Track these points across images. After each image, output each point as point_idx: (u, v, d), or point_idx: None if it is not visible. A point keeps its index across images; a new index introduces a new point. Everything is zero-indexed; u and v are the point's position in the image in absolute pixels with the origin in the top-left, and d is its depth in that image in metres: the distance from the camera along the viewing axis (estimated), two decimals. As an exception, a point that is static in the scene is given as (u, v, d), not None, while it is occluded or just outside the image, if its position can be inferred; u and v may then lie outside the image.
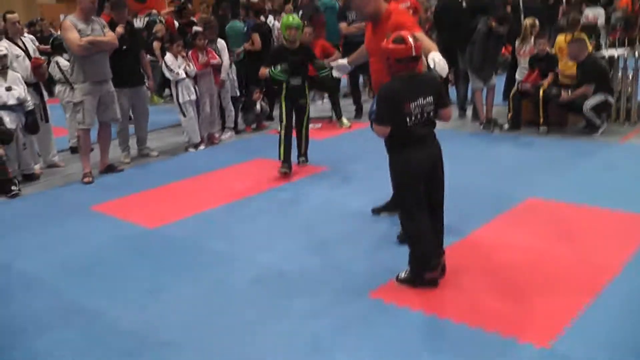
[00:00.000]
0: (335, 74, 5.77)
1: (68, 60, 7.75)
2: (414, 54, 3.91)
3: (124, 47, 7.82)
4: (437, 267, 4.13)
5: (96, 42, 7.18)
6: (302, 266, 4.63)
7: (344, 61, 5.57)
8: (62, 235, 5.70)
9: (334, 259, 4.73)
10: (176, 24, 12.13)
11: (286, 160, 6.97)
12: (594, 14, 13.95)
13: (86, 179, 7.44)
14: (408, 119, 3.90)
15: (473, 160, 7.20)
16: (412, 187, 4.02)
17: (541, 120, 8.11)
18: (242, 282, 4.46)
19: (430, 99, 3.97)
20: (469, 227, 5.10)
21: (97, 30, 7.29)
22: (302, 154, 7.40)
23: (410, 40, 3.92)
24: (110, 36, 7.39)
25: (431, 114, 4.01)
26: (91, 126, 7.50)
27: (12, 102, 7.20)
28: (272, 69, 6.81)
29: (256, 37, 9.69)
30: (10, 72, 7.30)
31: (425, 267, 4.08)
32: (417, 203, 4.04)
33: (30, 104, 7.41)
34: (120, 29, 7.76)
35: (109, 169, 7.82)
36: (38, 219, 6.24)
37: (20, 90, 7.28)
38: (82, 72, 7.23)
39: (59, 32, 13.36)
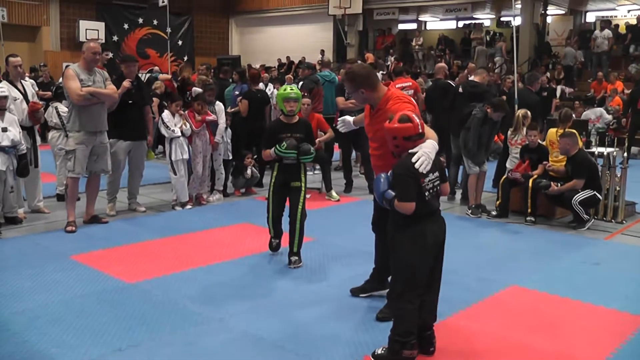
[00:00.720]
0: (340, 127, 5.63)
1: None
2: (420, 131, 4.04)
3: (130, 100, 7.91)
4: (415, 346, 4.10)
5: (96, 94, 7.25)
6: (277, 335, 4.55)
7: (350, 118, 5.54)
8: (37, 282, 5.60)
9: (311, 331, 4.66)
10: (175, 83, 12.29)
11: (277, 235, 6.44)
12: (596, 114, 14.31)
13: (69, 228, 7.37)
14: (426, 194, 4.02)
15: (459, 243, 7.15)
16: (424, 260, 4.08)
17: (529, 210, 8.15)
18: (215, 344, 4.38)
19: (437, 173, 4.10)
20: (449, 310, 5.04)
21: (99, 82, 7.38)
22: (295, 252, 6.22)
23: (415, 118, 4.05)
24: (111, 89, 7.46)
25: (438, 187, 4.13)
26: (81, 175, 7.49)
27: (5, 143, 7.17)
28: (278, 147, 5.98)
29: (244, 103, 9.75)
30: (7, 114, 7.30)
31: (405, 345, 4.04)
32: (422, 278, 4.11)
33: (23, 148, 7.40)
34: (127, 83, 7.88)
35: (94, 219, 7.76)
36: (15, 264, 6.14)
37: (15, 133, 7.27)
38: (79, 121, 7.27)
39: (60, 80, 13.41)
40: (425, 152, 4.00)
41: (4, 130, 7.19)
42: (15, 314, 4.90)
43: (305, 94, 9.94)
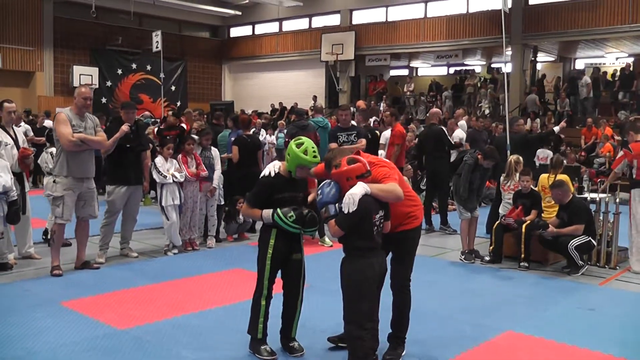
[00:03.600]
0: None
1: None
2: (368, 168, 4.44)
3: (128, 145, 7.98)
4: None
5: (87, 141, 7.26)
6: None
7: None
8: (25, 330, 5.51)
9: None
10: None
11: (265, 339, 5.05)
12: (544, 154, 14.60)
13: (56, 272, 7.34)
14: (375, 229, 4.40)
15: (452, 289, 7.16)
16: (372, 289, 4.44)
17: (522, 255, 8.12)
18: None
19: (382, 212, 4.48)
20: (445, 355, 5.01)
21: (90, 128, 7.41)
22: (292, 337, 5.13)
23: (361, 158, 4.51)
24: (101, 137, 7.48)
25: (382, 225, 4.50)
26: (69, 221, 7.45)
27: (-2, 189, 7.16)
28: (280, 214, 4.81)
29: (234, 149, 9.78)
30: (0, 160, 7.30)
31: None
32: (371, 309, 4.46)
33: (14, 194, 7.31)
34: (125, 127, 7.93)
35: (85, 265, 7.69)
36: (3, 311, 6.04)
37: (6, 179, 7.21)
38: (67, 166, 7.25)
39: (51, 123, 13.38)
40: (349, 194, 4.29)
41: (-4, 176, 7.15)
42: (4, 361, 4.82)
43: (288, 140, 9.97)
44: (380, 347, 4.80)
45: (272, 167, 4.99)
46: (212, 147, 9.35)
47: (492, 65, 28.23)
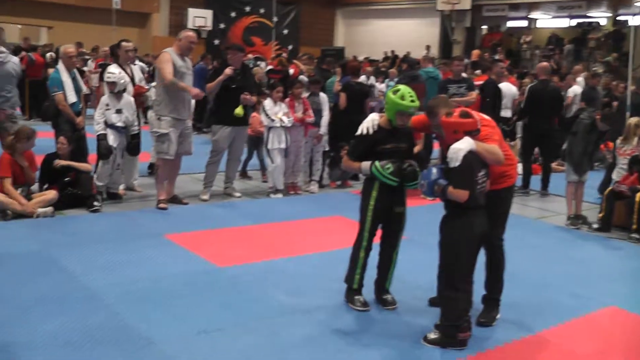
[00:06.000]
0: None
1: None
2: (479, 127, 4.31)
3: (234, 85, 8.08)
4: (468, 328, 4.37)
5: (181, 88, 7.49)
6: (358, 326, 4.63)
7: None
8: (130, 258, 5.78)
9: (388, 323, 4.62)
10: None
11: (361, 290, 5.04)
12: None
13: (161, 205, 7.65)
14: (478, 187, 4.28)
15: (554, 255, 6.87)
16: (471, 250, 4.34)
17: (634, 226, 7.66)
18: (299, 336, 4.40)
19: (485, 170, 4.35)
20: (539, 324, 4.84)
21: (190, 69, 7.78)
22: (387, 289, 5.13)
23: (474, 114, 4.36)
24: (195, 91, 7.66)
25: (485, 185, 4.37)
26: (172, 157, 7.70)
27: (119, 124, 7.63)
28: (378, 166, 4.77)
29: (342, 96, 9.69)
30: (125, 96, 7.71)
31: (459, 328, 4.31)
32: (467, 270, 4.36)
33: (136, 128, 7.86)
34: (228, 70, 8.01)
35: (174, 199, 7.96)
36: (112, 238, 6.37)
37: (128, 115, 7.70)
38: (172, 106, 7.53)
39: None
40: (454, 148, 4.21)
41: (119, 111, 7.61)
42: (109, 285, 5.09)
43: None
44: (475, 308, 4.71)
45: (369, 123, 4.91)
46: (321, 93, 9.32)
47: (618, 18, 26.56)
